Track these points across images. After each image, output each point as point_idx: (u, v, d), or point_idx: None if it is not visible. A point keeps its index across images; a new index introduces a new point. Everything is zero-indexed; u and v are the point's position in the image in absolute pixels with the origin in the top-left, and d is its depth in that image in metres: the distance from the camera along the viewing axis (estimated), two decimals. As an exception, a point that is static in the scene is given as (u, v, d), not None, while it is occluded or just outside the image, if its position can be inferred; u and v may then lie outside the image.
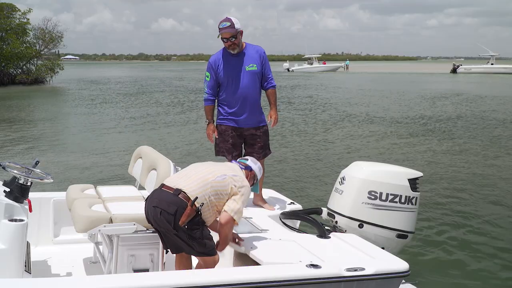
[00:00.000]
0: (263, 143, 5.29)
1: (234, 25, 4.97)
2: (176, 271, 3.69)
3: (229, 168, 3.92)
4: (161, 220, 3.58)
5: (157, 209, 3.60)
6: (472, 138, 15.32)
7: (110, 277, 3.61)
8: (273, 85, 5.34)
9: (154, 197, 3.70)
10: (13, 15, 47.40)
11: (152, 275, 3.51)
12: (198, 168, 3.83)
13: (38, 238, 4.89)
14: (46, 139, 15.14)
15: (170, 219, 3.55)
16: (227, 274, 3.38)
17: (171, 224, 3.55)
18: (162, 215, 3.57)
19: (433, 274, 5.81)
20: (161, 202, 3.61)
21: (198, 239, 3.61)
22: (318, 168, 11.14)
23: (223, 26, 4.98)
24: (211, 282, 3.20)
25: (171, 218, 3.55)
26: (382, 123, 18.74)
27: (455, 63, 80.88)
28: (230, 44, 5.04)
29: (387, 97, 30.80)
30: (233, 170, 3.91)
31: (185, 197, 3.59)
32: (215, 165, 3.92)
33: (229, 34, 4.98)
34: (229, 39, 5.00)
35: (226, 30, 4.97)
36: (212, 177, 3.71)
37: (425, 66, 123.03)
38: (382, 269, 3.58)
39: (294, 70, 78.70)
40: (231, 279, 3.24)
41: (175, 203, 3.57)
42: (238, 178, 3.82)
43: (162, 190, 3.69)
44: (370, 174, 4.68)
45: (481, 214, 8.01)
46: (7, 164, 3.79)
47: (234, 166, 4.01)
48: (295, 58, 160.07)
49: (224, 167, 3.92)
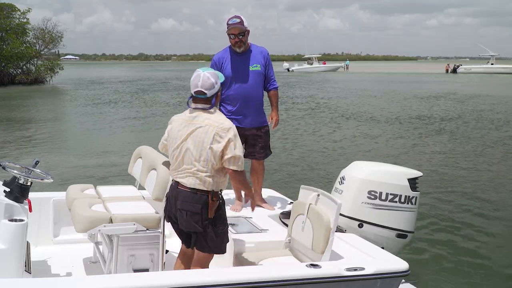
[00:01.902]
0: (264, 143, 5.29)
1: (243, 23, 4.98)
2: (176, 271, 3.69)
3: (202, 128, 3.53)
4: (187, 221, 3.56)
5: (183, 212, 3.56)
6: (472, 137, 15.32)
7: (110, 277, 3.61)
8: (275, 86, 5.34)
9: (175, 197, 3.61)
10: (12, 15, 47.38)
11: (152, 275, 3.51)
12: (186, 152, 3.56)
13: (38, 238, 4.89)
14: (46, 139, 15.14)
15: (198, 218, 3.53)
16: (227, 274, 3.38)
17: (199, 224, 3.53)
18: (189, 217, 3.54)
19: (432, 274, 5.81)
20: (183, 203, 3.56)
21: (221, 234, 3.61)
22: (318, 168, 11.14)
23: (232, 22, 4.97)
24: (211, 282, 3.20)
25: (198, 217, 3.53)
26: (381, 123, 18.74)
27: (447, 64, 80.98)
28: (236, 41, 5.03)
29: (386, 97, 30.80)
30: (207, 126, 3.53)
31: (202, 191, 3.54)
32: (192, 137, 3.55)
33: (238, 30, 4.98)
34: (237, 36, 5.00)
35: (235, 26, 4.96)
36: (203, 159, 3.50)
37: (425, 66, 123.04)
38: (382, 269, 3.58)
39: (294, 70, 78.69)
40: (231, 279, 3.24)
41: (197, 201, 3.53)
42: (218, 129, 3.50)
43: (179, 190, 3.60)
44: (370, 174, 4.68)
45: (481, 214, 8.01)
46: (7, 164, 3.79)
47: (205, 119, 3.57)
48: (295, 58, 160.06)
49: (200, 132, 3.53)
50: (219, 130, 3.52)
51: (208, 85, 3.60)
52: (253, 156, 5.27)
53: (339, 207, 3.65)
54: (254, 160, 5.32)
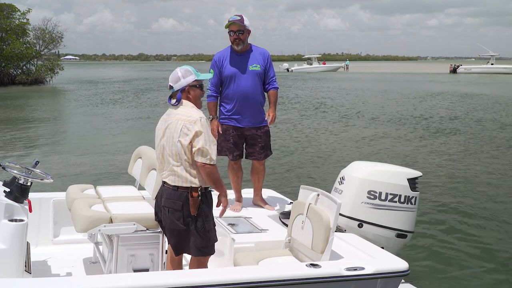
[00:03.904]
0: (264, 143, 5.28)
1: (243, 21, 5.02)
2: (176, 271, 3.69)
3: (172, 123, 3.55)
4: (170, 218, 3.58)
5: (165, 208, 3.61)
6: (472, 138, 15.32)
7: (110, 277, 3.61)
8: (275, 86, 5.34)
9: (161, 196, 3.68)
10: (13, 15, 47.40)
11: (152, 275, 3.51)
12: (163, 149, 3.60)
13: (38, 238, 4.89)
14: (46, 139, 15.15)
15: (179, 215, 3.55)
16: (227, 274, 3.38)
17: (180, 221, 3.54)
18: (171, 214, 3.57)
19: (432, 274, 5.81)
20: (166, 200, 3.61)
21: (205, 233, 3.58)
22: (318, 168, 11.15)
23: (233, 19, 5.02)
24: (211, 281, 3.21)
25: (179, 214, 3.55)
26: (381, 123, 18.75)
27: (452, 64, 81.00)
28: (235, 38, 5.04)
29: (386, 97, 30.80)
30: (176, 121, 3.54)
31: (183, 188, 3.55)
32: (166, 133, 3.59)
33: (237, 27, 5.00)
34: (236, 32, 5.02)
35: (234, 22, 5.00)
36: (175, 153, 3.51)
37: (425, 66, 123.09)
38: (381, 269, 3.58)
39: (293, 70, 78.67)
40: (231, 279, 3.25)
41: (179, 198, 3.55)
42: (185, 122, 3.50)
43: (165, 188, 3.66)
44: (370, 174, 4.68)
45: (481, 214, 8.02)
46: (7, 164, 3.79)
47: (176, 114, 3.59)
48: (295, 58, 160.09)
49: (171, 128, 3.55)
50: (186, 123, 3.51)
51: (173, 78, 3.65)
52: (253, 156, 5.27)
53: (339, 207, 3.65)
54: (255, 161, 5.31)
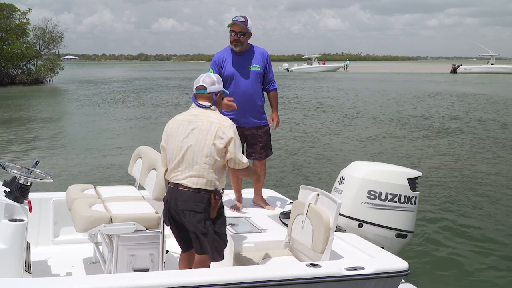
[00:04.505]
0: (265, 143, 5.29)
1: (247, 23, 5.02)
2: (176, 271, 3.69)
3: (204, 124, 3.56)
4: (190, 221, 3.54)
5: (186, 212, 3.53)
6: (472, 138, 15.32)
7: (110, 277, 3.61)
8: (275, 87, 5.38)
9: (175, 199, 3.57)
10: (13, 15, 47.39)
11: (152, 275, 3.51)
12: (188, 149, 3.56)
13: (38, 238, 4.89)
14: (46, 139, 15.14)
15: (201, 217, 3.51)
16: (227, 274, 3.38)
17: (201, 224, 3.51)
18: (191, 217, 3.52)
19: (432, 273, 5.82)
20: (186, 204, 3.53)
21: (222, 235, 3.61)
22: (318, 168, 11.15)
23: (237, 20, 5.02)
24: (211, 281, 3.21)
25: (201, 216, 3.51)
26: (381, 122, 18.75)
27: (454, 64, 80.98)
28: (235, 39, 5.05)
29: (386, 97, 30.80)
30: (209, 123, 3.56)
31: (205, 191, 3.53)
32: (194, 133, 3.57)
33: (239, 29, 5.01)
34: (237, 34, 5.02)
35: (238, 23, 5.00)
36: (206, 154, 3.51)
37: (425, 66, 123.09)
38: (381, 269, 3.58)
39: (293, 70, 78.68)
40: (231, 279, 3.25)
41: (201, 200, 3.51)
42: (220, 126, 3.55)
43: (180, 191, 3.56)
44: (370, 174, 4.69)
45: (481, 214, 8.02)
46: (7, 164, 3.79)
47: (206, 116, 3.61)
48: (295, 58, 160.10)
49: (202, 129, 3.55)
50: (221, 127, 3.56)
51: (209, 81, 3.72)
52: (253, 156, 5.27)
53: (339, 206, 3.65)
54: (256, 161, 5.32)
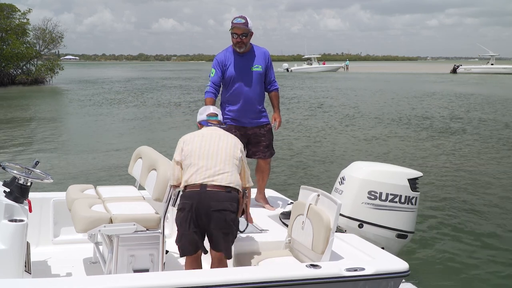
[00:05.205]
0: (268, 142, 5.32)
1: (247, 24, 5.02)
2: (176, 271, 3.68)
3: (229, 136, 3.97)
4: (222, 220, 3.60)
5: (221, 211, 3.58)
6: (472, 138, 15.32)
7: (110, 277, 3.61)
8: (276, 87, 5.41)
9: (209, 199, 3.60)
10: (13, 16, 47.40)
11: (152, 275, 3.51)
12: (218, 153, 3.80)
13: (38, 238, 4.89)
14: (46, 139, 15.14)
15: (234, 216, 3.65)
16: (227, 274, 3.38)
17: (234, 222, 3.66)
18: (226, 216, 3.61)
19: (433, 274, 5.81)
20: (222, 203, 3.60)
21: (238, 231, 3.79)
22: (318, 168, 11.14)
23: (237, 22, 5.01)
24: (211, 282, 3.20)
25: (234, 215, 3.65)
26: (382, 123, 18.75)
27: (455, 64, 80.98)
28: (238, 41, 5.05)
29: (386, 97, 30.80)
30: (231, 136, 4.00)
31: (236, 190, 3.71)
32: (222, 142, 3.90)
33: (241, 31, 5.01)
34: (240, 36, 5.02)
35: (239, 26, 5.00)
36: (236, 157, 3.83)
37: (425, 67, 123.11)
38: (382, 269, 3.58)
39: (293, 70, 78.68)
40: (231, 279, 3.24)
41: (234, 199, 3.67)
42: (239, 143, 3.97)
43: (211, 192, 3.61)
44: (370, 174, 4.68)
45: (481, 214, 8.01)
46: (7, 164, 3.79)
47: (224, 133, 4.02)
48: (295, 59, 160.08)
49: (229, 140, 3.93)
50: (238, 144, 3.95)
51: (217, 110, 4.24)
52: (258, 155, 5.29)
53: (339, 207, 3.65)
54: (261, 160, 5.33)
